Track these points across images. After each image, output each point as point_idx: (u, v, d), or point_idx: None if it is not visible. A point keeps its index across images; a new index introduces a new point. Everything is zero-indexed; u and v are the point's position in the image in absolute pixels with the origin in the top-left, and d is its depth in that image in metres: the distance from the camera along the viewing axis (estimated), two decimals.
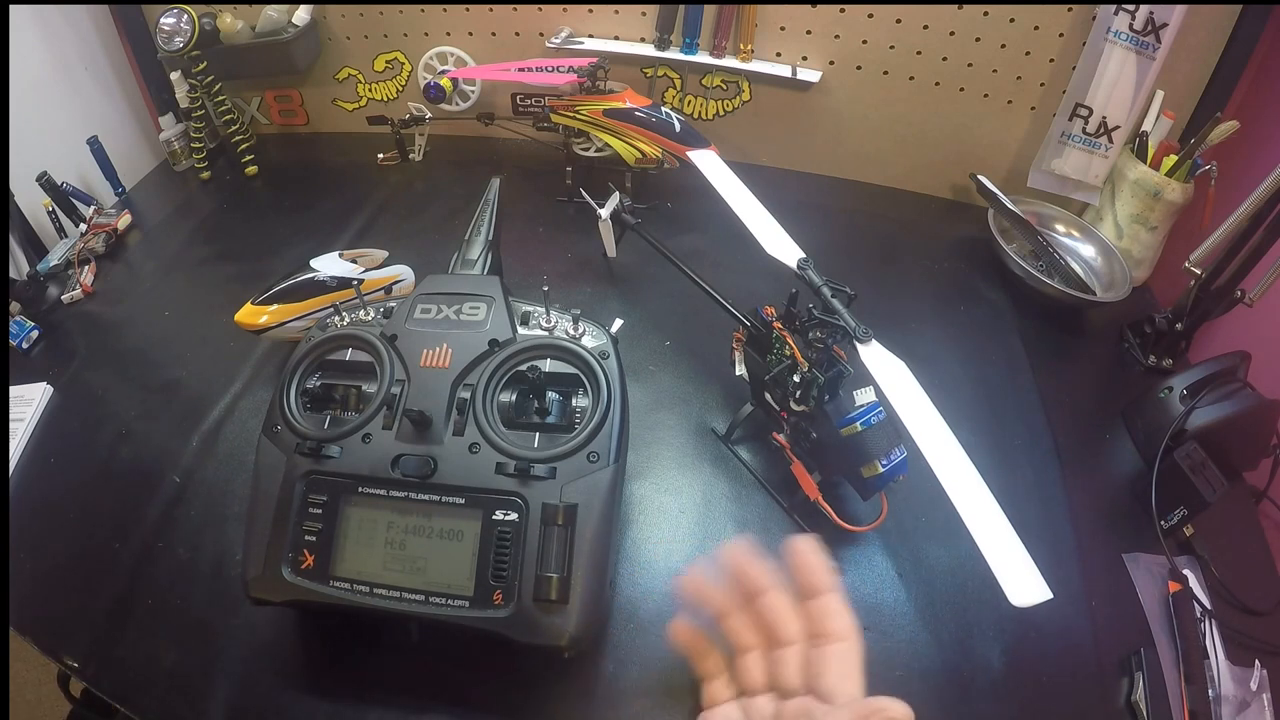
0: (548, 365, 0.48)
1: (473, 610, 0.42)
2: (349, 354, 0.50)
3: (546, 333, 0.49)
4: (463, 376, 0.47)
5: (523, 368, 0.48)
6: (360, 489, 0.45)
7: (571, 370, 0.49)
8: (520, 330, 0.50)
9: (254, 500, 0.46)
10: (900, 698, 0.50)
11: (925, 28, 0.86)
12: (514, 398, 0.48)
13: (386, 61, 1.01)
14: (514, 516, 0.43)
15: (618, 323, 0.51)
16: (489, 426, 0.45)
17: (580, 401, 0.48)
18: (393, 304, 0.51)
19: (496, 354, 0.48)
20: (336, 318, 0.51)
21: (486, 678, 0.48)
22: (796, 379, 0.53)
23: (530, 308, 0.51)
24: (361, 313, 0.51)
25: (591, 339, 0.50)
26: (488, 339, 0.48)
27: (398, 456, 0.45)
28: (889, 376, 0.52)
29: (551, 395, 0.48)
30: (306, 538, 0.44)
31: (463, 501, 0.44)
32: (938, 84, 0.90)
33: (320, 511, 0.45)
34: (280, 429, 0.47)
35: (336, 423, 0.47)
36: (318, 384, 0.49)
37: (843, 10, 0.87)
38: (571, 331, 0.49)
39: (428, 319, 0.49)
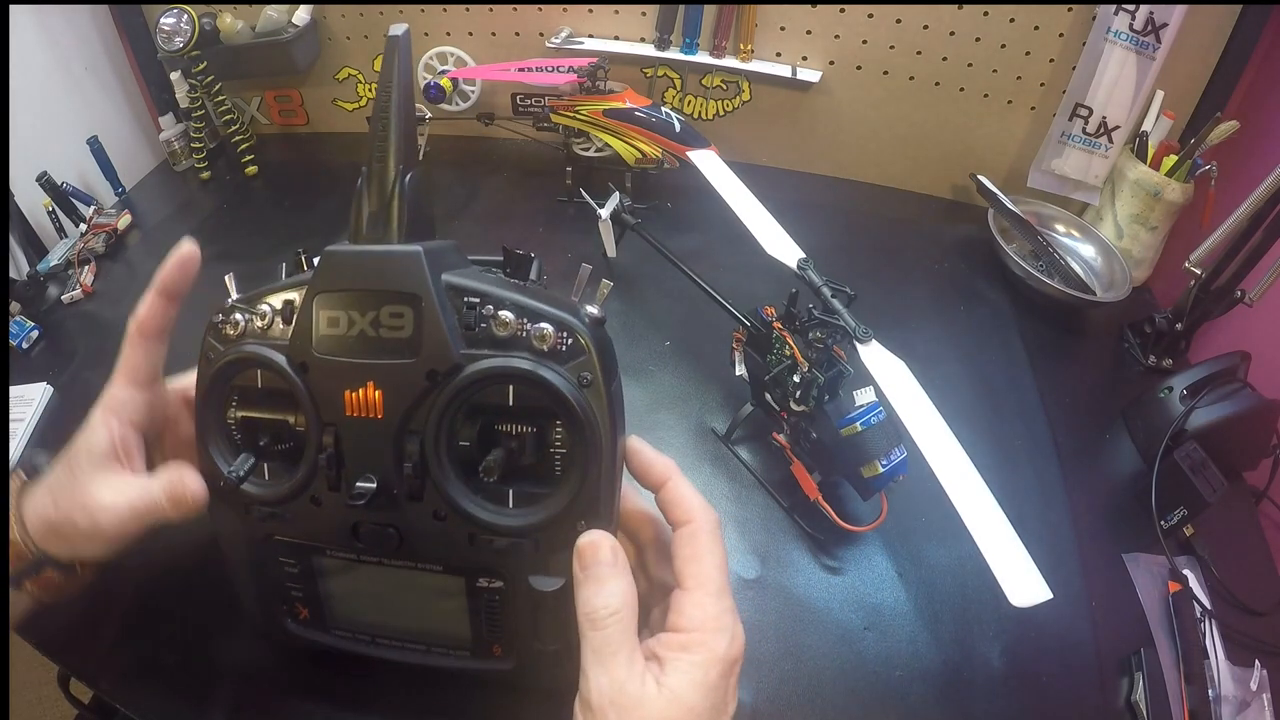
0: (510, 394, 0.35)
1: (474, 661, 0.41)
2: (259, 376, 0.38)
3: (506, 338, 0.34)
4: (405, 424, 0.35)
5: (482, 394, 0.35)
6: (328, 553, 0.39)
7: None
8: (466, 340, 0.34)
9: (227, 560, 0.42)
10: (900, 698, 0.51)
11: (925, 28, 0.86)
12: (476, 435, 0.36)
13: None
14: (500, 584, 0.38)
15: (605, 288, 0.36)
16: (450, 491, 0.35)
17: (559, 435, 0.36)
18: (292, 296, 0.37)
19: (439, 391, 0.34)
20: (228, 326, 0.38)
21: (487, 680, 0.48)
22: (796, 379, 0.53)
23: (473, 289, 0.35)
24: (256, 318, 0.37)
25: (565, 353, 0.34)
26: (424, 370, 0.34)
27: (356, 524, 0.37)
28: (889, 376, 0.52)
29: (523, 430, 0.36)
30: (293, 594, 0.41)
31: (441, 569, 0.38)
32: (938, 84, 0.90)
33: (297, 572, 0.40)
34: (224, 484, 0.38)
35: (277, 474, 0.38)
36: (236, 418, 0.39)
37: (843, 10, 0.87)
38: (538, 343, 0.34)
39: (337, 337, 0.34)
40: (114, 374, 0.40)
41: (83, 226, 0.85)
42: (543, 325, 0.34)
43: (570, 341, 0.34)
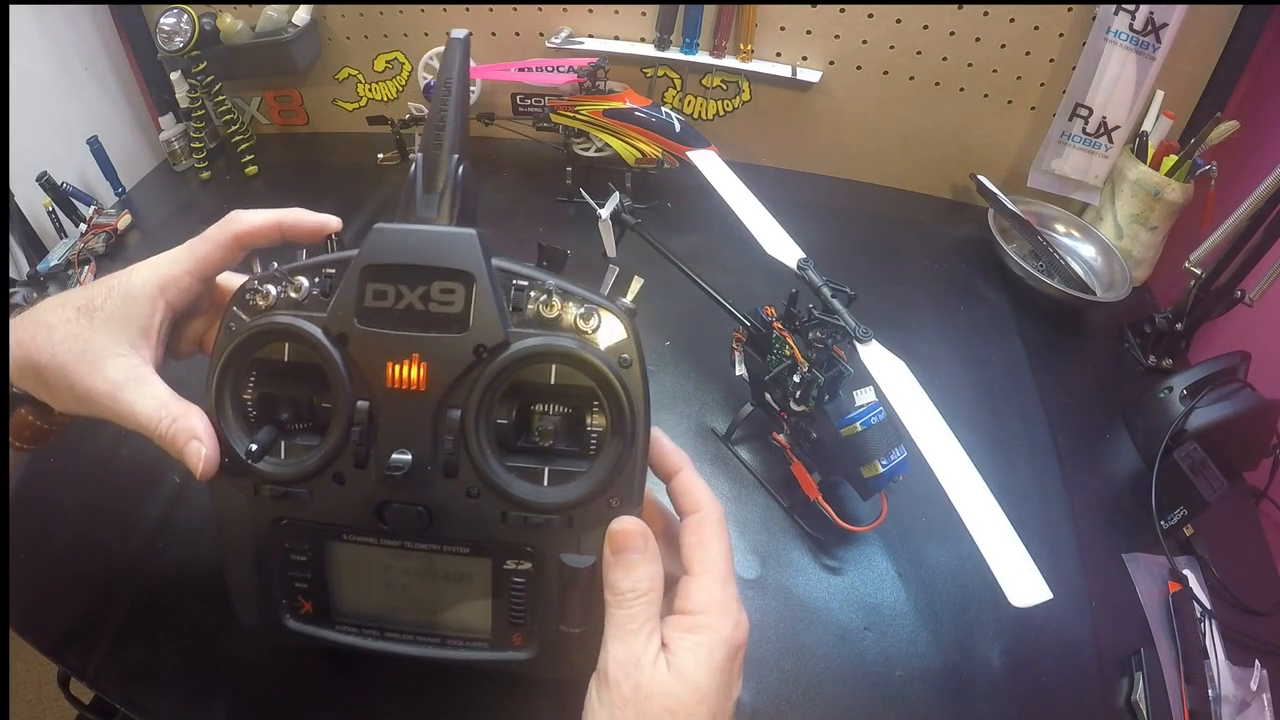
0: (552, 374, 0.36)
1: (492, 652, 0.40)
2: (286, 349, 0.37)
3: (552, 319, 0.36)
4: (446, 399, 0.35)
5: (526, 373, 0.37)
6: (344, 536, 0.38)
7: (582, 379, 0.37)
8: (514, 320, 0.36)
9: (226, 547, 0.39)
10: (900, 698, 0.51)
11: (925, 28, 0.86)
12: (513, 414, 0.37)
13: (386, 61, 1.01)
14: (527, 566, 0.38)
15: (636, 284, 0.40)
16: (487, 467, 0.36)
17: (595, 417, 0.37)
18: (330, 271, 0.37)
19: (485, 366, 0.35)
20: (259, 297, 0.37)
21: (490, 678, 0.48)
22: (796, 379, 0.53)
23: (521, 274, 0.37)
24: (291, 289, 0.37)
25: (607, 336, 0.37)
26: (472, 344, 0.35)
27: (382, 504, 0.37)
28: (889, 376, 0.52)
29: (560, 410, 0.38)
30: (297, 585, 0.39)
31: (468, 550, 0.38)
32: (938, 84, 0.90)
33: (306, 559, 0.39)
34: (239, 459, 0.37)
35: (294, 451, 0.37)
36: (252, 396, 0.38)
37: (843, 10, 0.87)
38: (583, 325, 0.36)
39: (384, 309, 0.35)
40: (181, 255, 0.39)
41: (83, 226, 0.84)
42: (586, 308, 0.36)
43: (609, 323, 0.37)
